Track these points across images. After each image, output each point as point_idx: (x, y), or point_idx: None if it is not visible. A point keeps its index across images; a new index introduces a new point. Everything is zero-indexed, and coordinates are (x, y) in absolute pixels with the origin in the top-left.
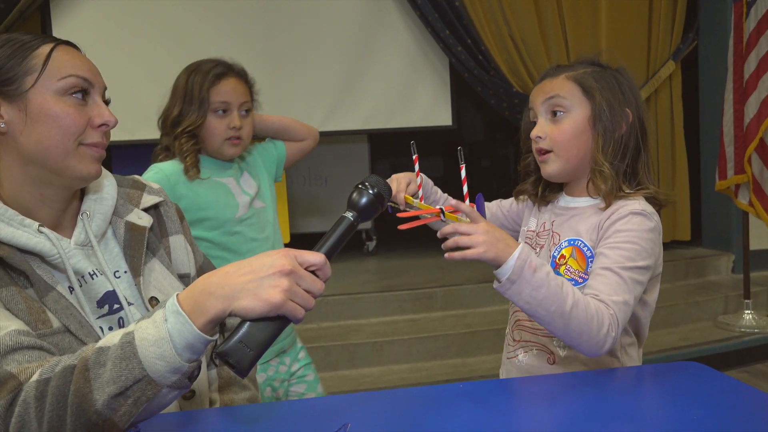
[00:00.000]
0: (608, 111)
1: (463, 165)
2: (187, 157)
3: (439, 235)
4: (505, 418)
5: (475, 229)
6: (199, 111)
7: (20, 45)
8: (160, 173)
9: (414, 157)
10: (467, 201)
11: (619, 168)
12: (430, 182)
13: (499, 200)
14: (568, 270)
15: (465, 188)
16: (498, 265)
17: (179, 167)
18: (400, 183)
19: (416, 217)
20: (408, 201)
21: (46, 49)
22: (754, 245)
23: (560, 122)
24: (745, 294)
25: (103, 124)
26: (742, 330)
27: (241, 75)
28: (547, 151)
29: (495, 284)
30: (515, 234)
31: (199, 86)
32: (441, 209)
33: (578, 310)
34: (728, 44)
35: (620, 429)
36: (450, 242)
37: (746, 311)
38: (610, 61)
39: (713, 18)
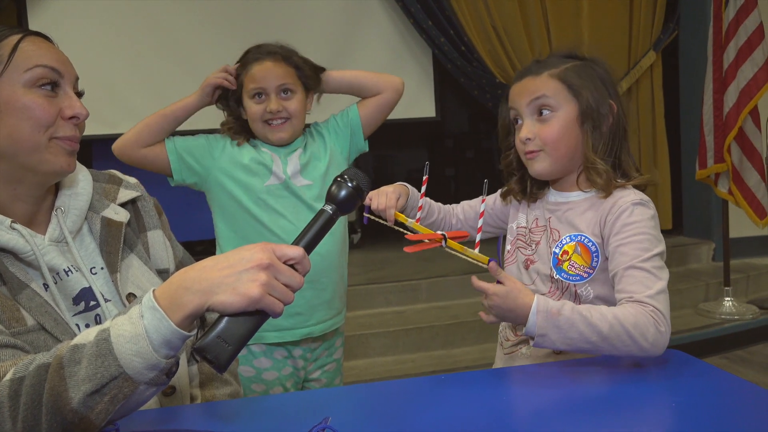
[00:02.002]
0: (595, 107)
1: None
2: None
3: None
4: (491, 407)
5: (489, 301)
6: (234, 102)
7: None
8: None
9: (424, 178)
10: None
11: (608, 161)
12: (432, 202)
13: (479, 197)
14: (572, 266)
15: (480, 221)
16: (521, 322)
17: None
18: (389, 198)
19: (420, 241)
20: (399, 218)
21: (12, 40)
22: (733, 233)
23: (548, 121)
24: (725, 281)
25: (73, 117)
26: (723, 317)
27: (281, 57)
28: (536, 152)
29: (531, 342)
30: (501, 231)
31: (238, 75)
32: (443, 235)
33: (617, 327)
34: (708, 34)
35: (601, 415)
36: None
37: (726, 298)
38: (591, 52)
39: (693, 8)
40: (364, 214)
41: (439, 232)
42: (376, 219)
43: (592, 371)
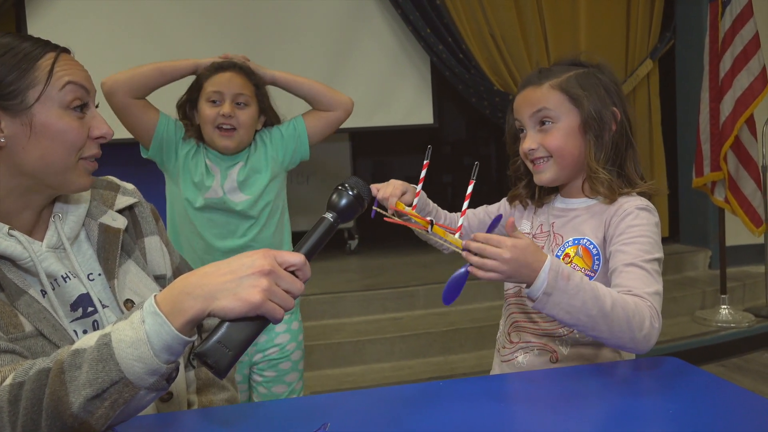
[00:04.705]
0: (597, 116)
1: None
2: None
3: (464, 245)
4: (489, 414)
5: (500, 254)
6: (190, 93)
7: (23, 56)
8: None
9: (425, 162)
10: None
11: (612, 170)
12: (439, 208)
13: (484, 206)
14: (574, 268)
15: (465, 204)
16: (526, 283)
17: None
18: (395, 188)
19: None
20: (399, 208)
21: (48, 60)
22: (730, 241)
23: (550, 132)
24: (722, 289)
25: (101, 137)
26: (719, 325)
27: (242, 69)
28: (543, 160)
29: (529, 303)
30: None
31: (198, 76)
32: (431, 221)
33: (618, 309)
34: (704, 43)
35: (599, 422)
36: (476, 260)
37: (722, 306)
38: (589, 58)
39: (690, 17)
40: (373, 208)
41: (428, 218)
42: (381, 211)
43: (589, 379)
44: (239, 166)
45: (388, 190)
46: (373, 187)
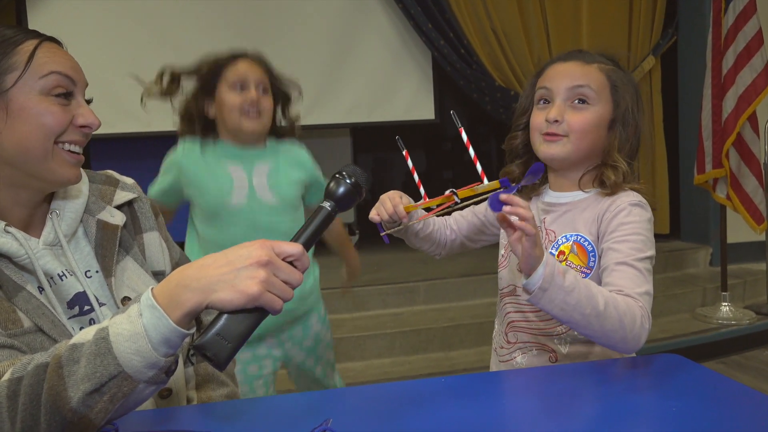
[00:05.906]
0: (631, 113)
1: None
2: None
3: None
4: (489, 411)
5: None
6: (209, 86)
7: (3, 40)
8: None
9: (404, 152)
10: (485, 180)
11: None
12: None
13: (471, 208)
14: (569, 266)
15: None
16: (529, 271)
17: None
18: (393, 199)
19: (429, 208)
20: (409, 209)
21: (30, 46)
22: (731, 238)
23: (582, 111)
24: (723, 286)
25: (85, 126)
26: (720, 322)
27: (257, 58)
28: (560, 135)
29: (525, 296)
30: (494, 239)
31: (212, 65)
32: (452, 191)
33: (611, 308)
34: (707, 40)
35: (599, 420)
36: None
37: (723, 303)
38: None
39: (692, 14)
40: (381, 234)
41: (448, 191)
42: (393, 232)
43: (590, 376)
44: (259, 162)
45: (388, 205)
46: (372, 214)
